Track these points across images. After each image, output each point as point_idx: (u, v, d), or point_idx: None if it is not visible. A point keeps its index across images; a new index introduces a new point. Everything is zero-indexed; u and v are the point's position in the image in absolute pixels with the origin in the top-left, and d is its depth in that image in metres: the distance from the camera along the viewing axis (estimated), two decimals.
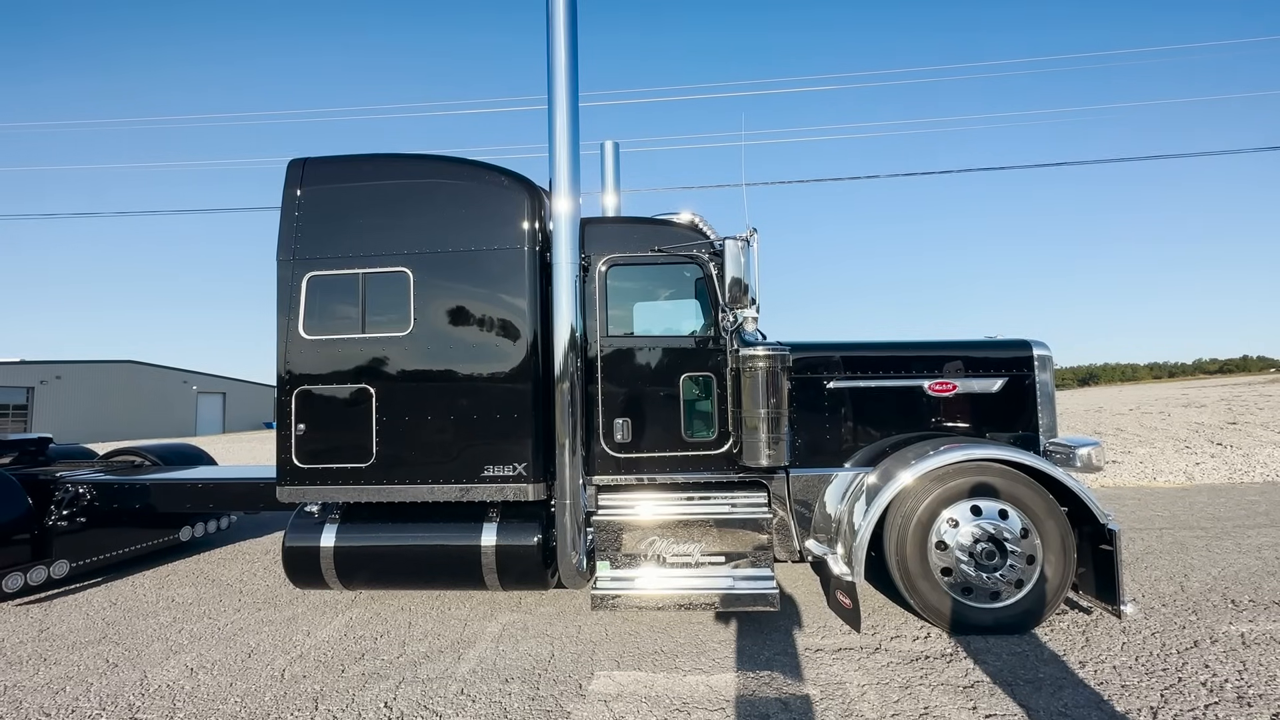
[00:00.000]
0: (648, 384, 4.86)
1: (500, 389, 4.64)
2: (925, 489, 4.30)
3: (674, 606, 4.37)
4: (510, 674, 3.88)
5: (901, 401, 4.89)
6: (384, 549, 4.77)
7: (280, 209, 4.86)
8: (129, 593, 5.81)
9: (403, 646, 4.35)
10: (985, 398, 4.90)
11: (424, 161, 4.89)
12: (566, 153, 4.61)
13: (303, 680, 3.88)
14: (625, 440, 4.80)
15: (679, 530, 4.56)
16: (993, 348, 4.99)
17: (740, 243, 4.36)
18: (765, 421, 4.53)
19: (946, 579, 4.24)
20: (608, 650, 4.19)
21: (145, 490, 6.08)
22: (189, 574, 6.40)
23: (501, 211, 4.71)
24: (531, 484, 4.60)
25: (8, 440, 6.88)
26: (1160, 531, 6.94)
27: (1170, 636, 4.10)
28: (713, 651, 4.13)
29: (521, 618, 4.83)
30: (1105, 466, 4.76)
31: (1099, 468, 4.51)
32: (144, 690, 3.81)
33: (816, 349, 4.95)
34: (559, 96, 4.61)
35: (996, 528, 4.22)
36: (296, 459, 4.74)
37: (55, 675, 4.06)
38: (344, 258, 4.79)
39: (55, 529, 5.75)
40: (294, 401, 4.75)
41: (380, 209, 4.79)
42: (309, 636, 4.59)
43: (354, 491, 4.69)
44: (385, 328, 4.73)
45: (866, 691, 3.51)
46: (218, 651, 4.37)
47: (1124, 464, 12.84)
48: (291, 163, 4.92)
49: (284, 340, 4.78)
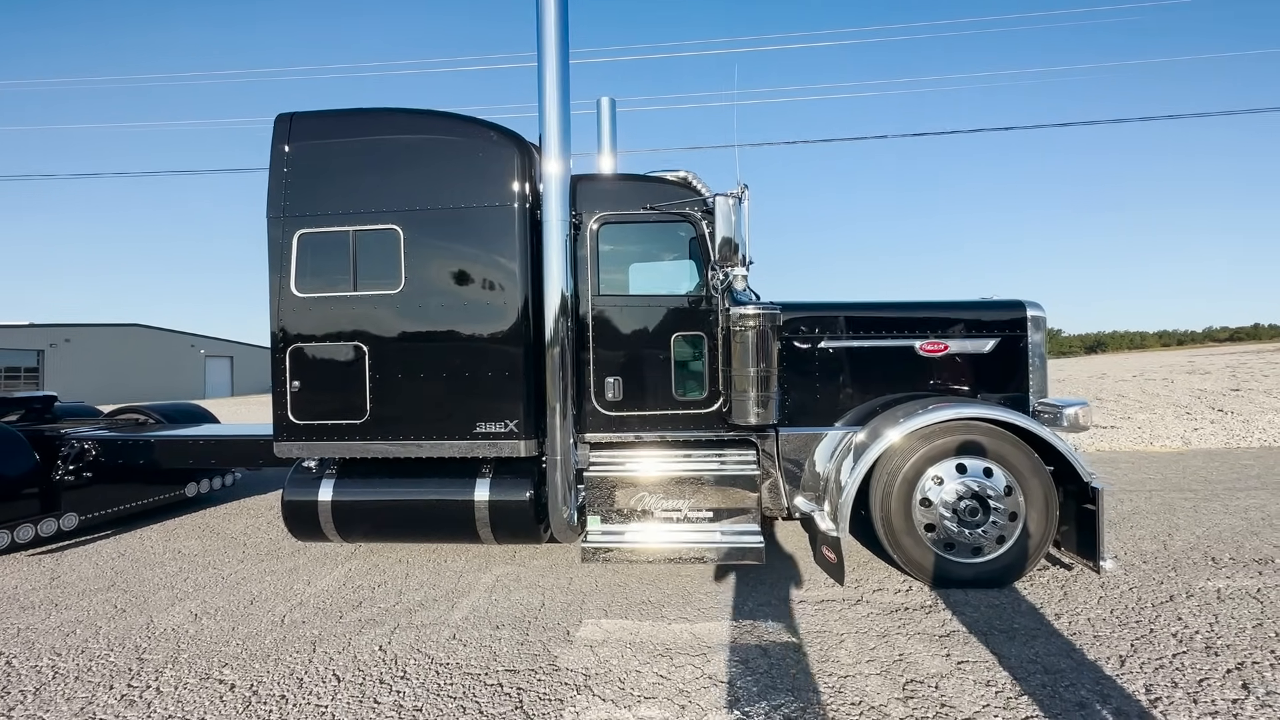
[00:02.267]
0: (639, 343, 4.88)
1: (491, 347, 4.67)
2: (911, 447, 4.34)
3: (662, 559, 4.48)
4: (501, 621, 4.01)
5: (892, 362, 4.90)
6: (380, 503, 4.88)
7: (269, 165, 4.82)
8: (137, 544, 6.00)
9: (399, 595, 4.49)
10: (977, 358, 4.90)
11: (413, 116, 4.81)
12: (557, 110, 4.52)
13: (302, 625, 4.02)
14: (617, 399, 4.84)
15: (668, 486, 4.64)
16: (985, 308, 4.97)
17: (731, 200, 4.31)
18: (755, 380, 4.56)
19: (930, 535, 4.32)
20: (597, 600, 4.32)
21: (149, 446, 6.20)
22: (195, 527, 6.58)
23: (491, 168, 4.66)
24: (523, 440, 4.67)
25: (14, 398, 7.00)
26: (1150, 494, 7.00)
27: (1147, 591, 4.18)
28: (699, 602, 4.24)
29: (515, 570, 4.97)
30: (1092, 427, 4.79)
31: (1085, 427, 4.54)
32: (150, 633, 3.96)
33: (809, 309, 4.94)
34: (549, 51, 4.50)
35: (981, 485, 4.28)
36: (293, 415, 4.81)
37: (66, 619, 4.22)
38: (334, 215, 4.77)
39: (62, 483, 5.90)
40: (288, 359, 4.80)
41: (370, 165, 4.75)
42: (309, 586, 4.74)
43: (349, 447, 4.78)
44: (377, 285, 4.74)
45: (845, 640, 3.62)
46: (221, 599, 4.53)
47: (1122, 429, 12.88)
48: (279, 117, 4.86)
49: (277, 298, 4.81)
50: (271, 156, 4.83)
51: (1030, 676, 3.15)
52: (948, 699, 2.97)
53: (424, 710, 3.01)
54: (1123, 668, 3.21)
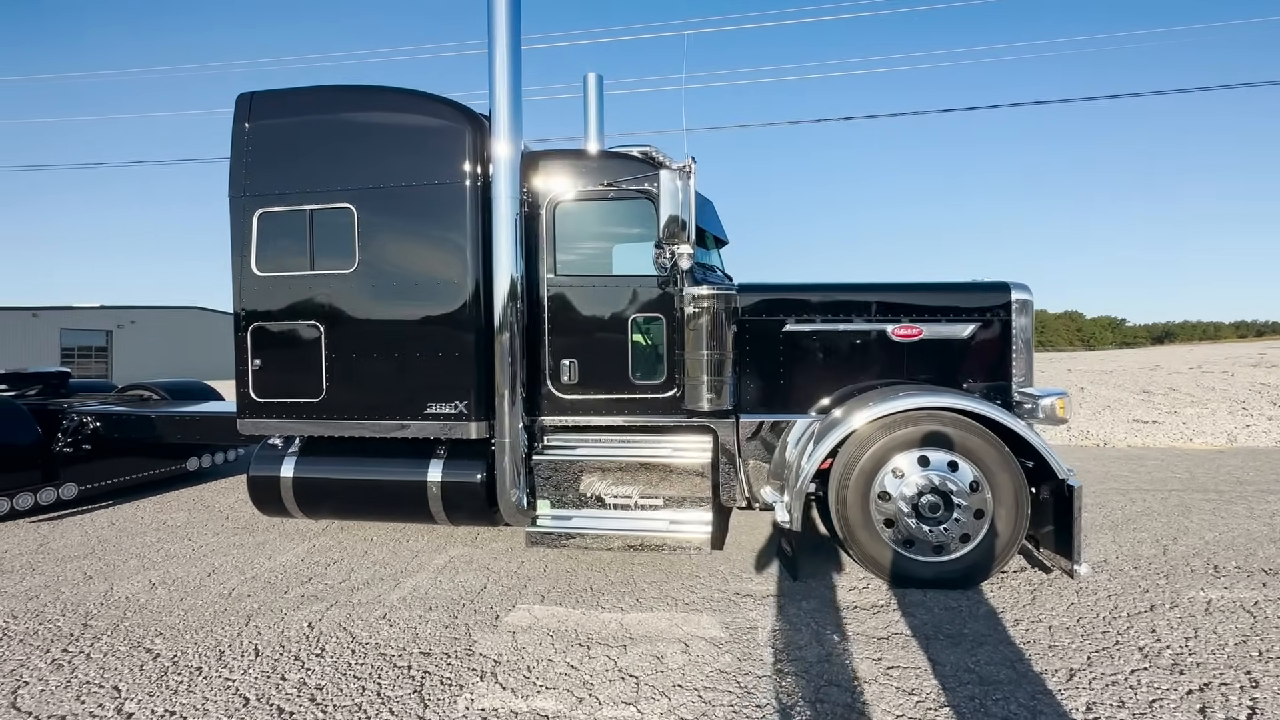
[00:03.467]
0: (595, 325, 4.73)
1: (442, 327, 4.61)
2: (870, 437, 4.08)
3: (606, 547, 4.37)
4: (436, 603, 3.98)
5: (861, 346, 4.61)
6: (339, 481, 4.92)
7: (230, 144, 4.85)
8: (130, 515, 6.26)
9: (349, 573, 4.53)
10: (954, 344, 4.57)
11: (366, 93, 4.75)
12: (506, 85, 4.38)
13: (245, 599, 4.09)
14: (572, 381, 4.72)
15: (619, 472, 4.51)
16: (964, 291, 4.62)
17: (677, 174, 4.10)
18: (708, 364, 4.37)
19: (889, 530, 4.07)
20: (539, 585, 4.25)
21: (146, 422, 6.44)
22: (188, 500, 6.82)
23: (441, 144, 4.57)
24: (474, 422, 4.61)
25: (31, 373, 7.38)
26: (1169, 494, 6.48)
27: (1127, 600, 3.84)
28: (640, 592, 4.12)
29: (470, 551, 4.95)
30: (1069, 419, 4.41)
31: (1064, 420, 4.19)
32: (104, 601, 4.10)
33: (772, 290, 4.69)
34: (499, 23, 4.36)
35: (944, 479, 3.99)
36: (254, 393, 4.88)
37: (35, 584, 4.41)
38: (292, 194, 4.77)
39: (62, 455, 6.19)
40: (249, 337, 4.86)
41: (325, 143, 4.72)
42: (269, 560, 4.83)
43: (306, 426, 4.82)
44: (332, 265, 4.74)
45: (775, 636, 3.44)
46: (182, 569, 4.66)
47: (1164, 425, 12.02)
48: (240, 96, 4.88)
49: (238, 277, 4.86)
50: (233, 135, 4.86)
51: (961, 687, 2.91)
52: (860, 706, 2.77)
53: (325, 689, 3.00)
54: (1069, 682, 2.94)
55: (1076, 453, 9.36)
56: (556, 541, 4.39)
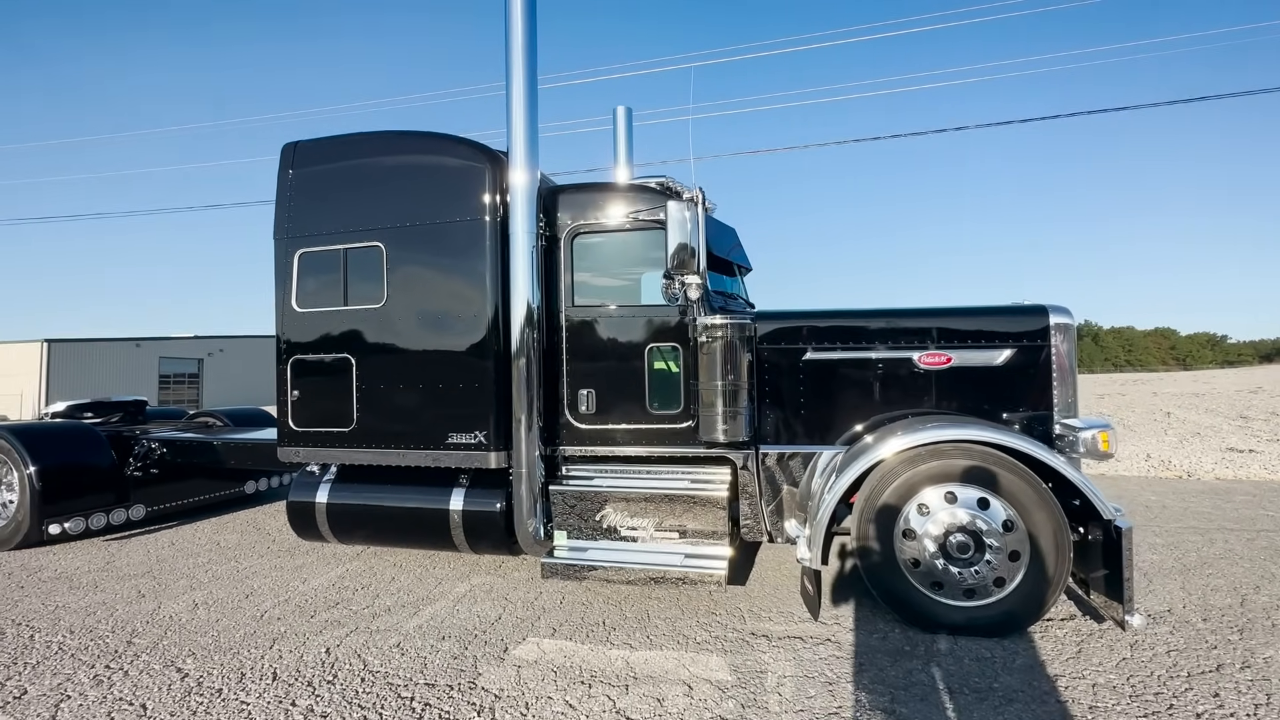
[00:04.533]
0: (613, 355, 4.75)
1: (463, 358, 4.74)
2: (894, 470, 3.88)
3: (622, 580, 4.31)
4: (449, 632, 4.02)
5: (886, 375, 4.42)
6: (368, 508, 5.09)
7: (276, 190, 5.22)
8: (189, 535, 6.67)
9: (374, 599, 4.65)
10: (987, 372, 4.31)
11: (393, 138, 5.02)
12: (523, 120, 4.54)
13: (275, 622, 4.26)
14: (589, 411, 4.74)
15: (635, 504, 4.46)
16: (998, 315, 4.37)
17: (685, 204, 4.09)
18: (722, 394, 4.29)
19: (916, 570, 3.84)
20: (553, 617, 4.23)
21: (204, 447, 6.90)
22: (242, 522, 7.22)
23: (462, 183, 4.75)
24: (493, 452, 4.69)
25: (113, 402, 8.06)
26: (1257, 534, 5.83)
27: (1189, 656, 3.45)
28: (653, 628, 4.03)
29: (492, 580, 4.99)
30: (1115, 453, 4.04)
31: (1108, 454, 3.84)
32: (150, 619, 4.36)
33: (790, 317, 4.58)
34: (515, 58, 4.53)
35: (973, 518, 3.74)
36: (292, 422, 5.15)
37: (95, 601, 4.75)
38: (329, 234, 5.07)
39: (132, 478, 6.69)
40: (289, 370, 5.14)
41: (357, 186, 5.01)
42: (304, 584, 5.02)
43: (338, 454, 5.03)
44: (363, 300, 4.97)
45: (784, 683, 3.28)
46: (224, 590, 4.91)
47: (1262, 454, 10.88)
48: (285, 146, 5.25)
49: (280, 313, 5.17)
50: (278, 182, 5.22)
51: None
52: None
53: (329, 717, 3.07)
54: None
55: (1154, 485, 8.59)
56: (572, 574, 4.37)
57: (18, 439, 6.16)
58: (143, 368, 46.28)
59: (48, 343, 41.97)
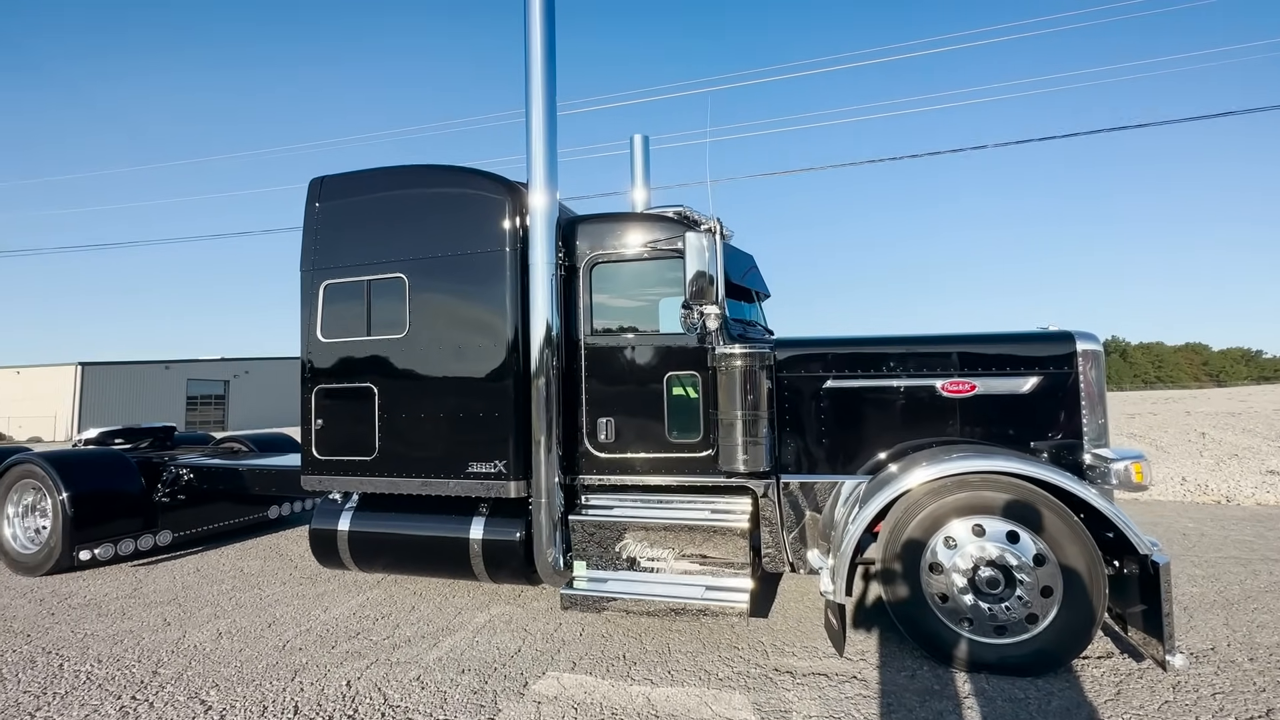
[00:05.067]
0: (632, 383, 4.75)
1: (482, 388, 4.78)
2: (919, 502, 3.81)
3: (642, 612, 4.26)
4: (469, 665, 4.00)
5: (909, 403, 4.36)
6: (389, 536, 5.12)
7: (303, 223, 5.35)
8: (213, 561, 6.75)
9: (394, 629, 4.64)
10: (1013, 400, 4.23)
11: (412, 171, 5.14)
12: (543, 149, 4.62)
13: (296, 652, 4.27)
14: (609, 440, 4.73)
15: (655, 534, 4.43)
16: (1023, 341, 4.30)
17: (703, 235, 4.12)
18: (742, 423, 4.26)
19: (944, 605, 3.74)
20: (572, 651, 4.18)
21: (229, 473, 7.00)
22: (265, 548, 7.29)
23: (482, 214, 4.83)
24: (513, 481, 4.69)
25: (144, 428, 8.24)
26: None
27: (1236, 700, 3.30)
28: (674, 662, 3.97)
29: (511, 610, 4.96)
30: (1150, 484, 3.92)
31: (1142, 486, 3.73)
32: (175, 649, 4.40)
33: (809, 345, 4.56)
34: (535, 94, 4.64)
35: (1002, 551, 3.64)
36: (316, 451, 5.21)
37: (122, 629, 4.81)
38: (353, 266, 5.17)
39: (160, 504, 6.81)
40: (314, 399, 5.23)
41: (380, 218, 5.12)
42: (325, 612, 5.04)
43: (361, 483, 5.08)
44: (386, 330, 5.05)
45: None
46: (247, 619, 4.94)
47: None
48: (312, 181, 5.40)
49: (306, 343, 5.28)
50: (305, 215, 5.36)
51: None
52: None
53: None
54: None
55: (1191, 511, 8.30)
56: (592, 605, 4.34)
57: (53, 466, 6.32)
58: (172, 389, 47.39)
59: (82, 365, 43.22)
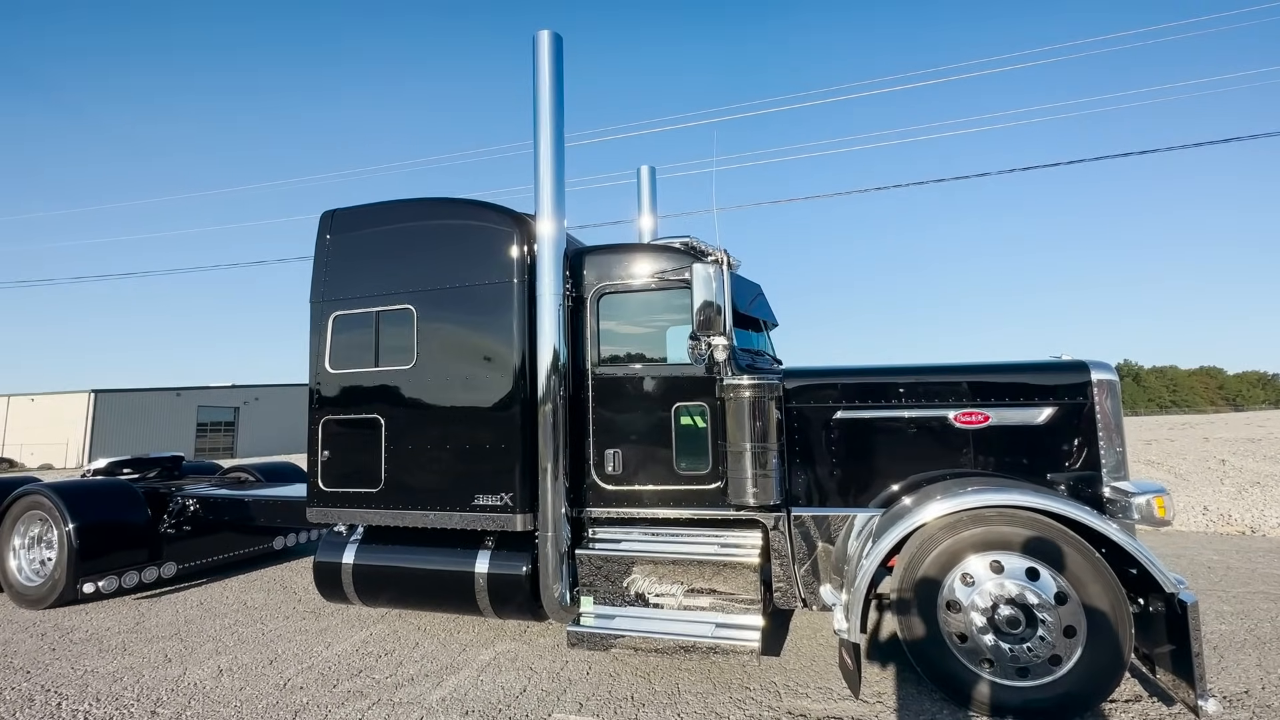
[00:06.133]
0: (639, 415, 4.71)
1: (489, 419, 4.75)
2: (934, 537, 3.71)
3: (650, 650, 4.14)
4: (473, 706, 3.89)
5: (921, 434, 4.29)
6: (393, 570, 5.04)
7: (314, 255, 5.41)
8: (217, 594, 6.67)
9: (397, 667, 4.54)
10: (1028, 431, 4.15)
11: (421, 204, 5.19)
12: (550, 182, 4.67)
13: (297, 691, 4.18)
14: (616, 472, 4.67)
15: (663, 568, 4.34)
16: (1036, 371, 4.23)
17: (710, 265, 4.11)
18: (750, 455, 4.20)
19: (963, 645, 3.62)
20: (579, 691, 4.07)
21: (235, 504, 6.97)
22: (269, 580, 7.21)
23: (490, 246, 4.87)
24: (519, 514, 4.63)
25: (152, 458, 8.24)
26: None
27: None
28: (684, 704, 3.85)
29: (516, 647, 4.85)
30: (1173, 519, 3.80)
31: (1165, 521, 3.62)
32: (175, 687, 4.32)
33: (819, 375, 4.51)
34: (543, 127, 4.70)
35: (1022, 589, 3.53)
36: (322, 483, 5.18)
37: (122, 665, 4.74)
38: (363, 297, 5.20)
39: (166, 535, 6.77)
40: (320, 430, 5.21)
41: (390, 250, 5.17)
42: (327, 649, 4.95)
43: (366, 515, 5.03)
44: (394, 361, 5.06)
45: None
46: (249, 656, 4.85)
47: None
48: (324, 213, 5.47)
49: (314, 372, 5.28)
50: (316, 247, 5.42)
51: None
52: None
53: None
54: None
55: (1215, 542, 8.08)
56: (599, 643, 4.23)
57: (60, 497, 6.31)
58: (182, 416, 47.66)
59: (94, 393, 43.61)
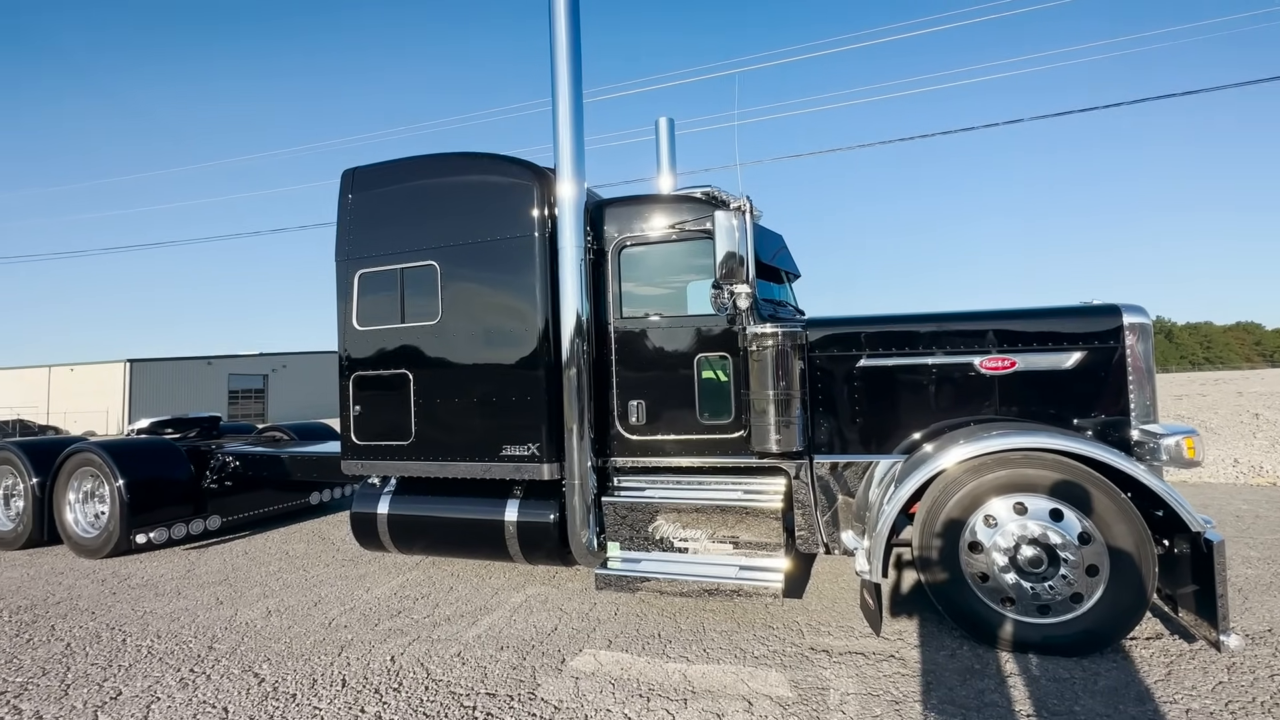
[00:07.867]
0: (662, 365, 4.75)
1: (515, 372, 4.83)
2: (957, 480, 3.74)
3: (676, 592, 4.28)
4: (508, 642, 4.08)
5: (945, 381, 4.27)
6: (426, 519, 5.23)
7: (337, 214, 5.46)
8: (260, 545, 7.00)
9: (434, 608, 4.76)
10: (1056, 376, 4.11)
11: (441, 159, 5.18)
12: (569, 135, 4.62)
13: (342, 630, 4.42)
14: (640, 423, 4.75)
15: (688, 515, 4.44)
16: (1066, 316, 4.16)
17: (732, 214, 4.07)
18: (773, 403, 4.23)
19: (985, 585, 3.68)
20: (608, 629, 4.24)
21: (273, 461, 7.24)
22: (308, 532, 7.53)
23: (510, 200, 4.86)
24: (546, 464, 4.75)
25: (191, 418, 8.55)
26: None
27: None
28: (709, 641, 3.99)
29: (547, 590, 5.04)
30: (1202, 460, 3.77)
31: (1194, 462, 3.59)
32: (229, 625, 4.59)
33: (842, 324, 4.49)
34: (561, 80, 4.63)
35: (1045, 530, 3.56)
36: (354, 436, 5.35)
37: (178, 607, 5.04)
38: (386, 255, 5.26)
39: (209, 490, 7.08)
40: (351, 386, 5.35)
41: (412, 207, 5.19)
42: (367, 592, 5.20)
43: (398, 466, 5.19)
44: (419, 317, 5.14)
45: (847, 701, 3.19)
46: (295, 598, 5.12)
47: None
48: (344, 172, 5.50)
49: (342, 331, 5.40)
50: (339, 206, 5.46)
51: None
52: None
53: None
54: None
55: (1245, 493, 7.99)
56: (626, 585, 4.38)
57: (109, 454, 6.61)
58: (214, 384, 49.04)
59: (130, 362, 44.99)
